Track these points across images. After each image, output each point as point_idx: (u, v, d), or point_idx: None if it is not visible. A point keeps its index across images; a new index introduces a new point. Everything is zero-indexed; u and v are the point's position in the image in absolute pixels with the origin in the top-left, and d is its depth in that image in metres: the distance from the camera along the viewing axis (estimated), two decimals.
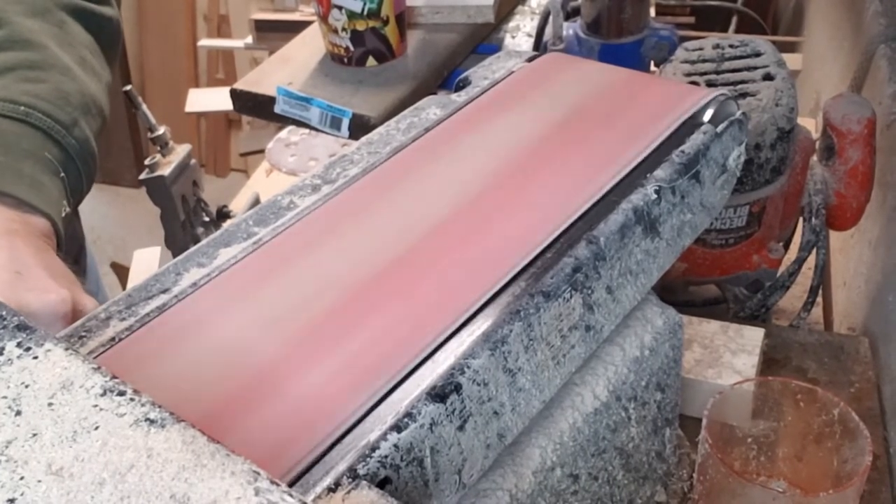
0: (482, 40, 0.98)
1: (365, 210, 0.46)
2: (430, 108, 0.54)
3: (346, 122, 0.80)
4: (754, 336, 0.70)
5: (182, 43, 2.73)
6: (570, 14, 1.00)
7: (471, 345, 0.37)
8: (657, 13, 1.60)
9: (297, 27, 1.07)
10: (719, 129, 0.49)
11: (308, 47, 0.91)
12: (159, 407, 0.29)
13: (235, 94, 0.86)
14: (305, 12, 1.79)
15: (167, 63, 2.75)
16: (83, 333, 0.40)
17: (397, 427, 0.33)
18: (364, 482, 0.31)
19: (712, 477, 0.51)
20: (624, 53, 0.92)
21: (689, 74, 0.75)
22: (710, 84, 0.73)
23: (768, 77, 0.73)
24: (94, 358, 0.38)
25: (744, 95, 0.71)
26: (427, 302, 0.39)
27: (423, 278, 0.40)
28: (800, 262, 0.79)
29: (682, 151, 0.47)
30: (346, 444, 0.33)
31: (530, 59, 0.58)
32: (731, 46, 0.76)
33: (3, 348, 0.31)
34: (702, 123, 0.50)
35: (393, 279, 0.40)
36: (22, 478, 0.27)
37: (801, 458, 0.57)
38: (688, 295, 0.88)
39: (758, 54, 0.75)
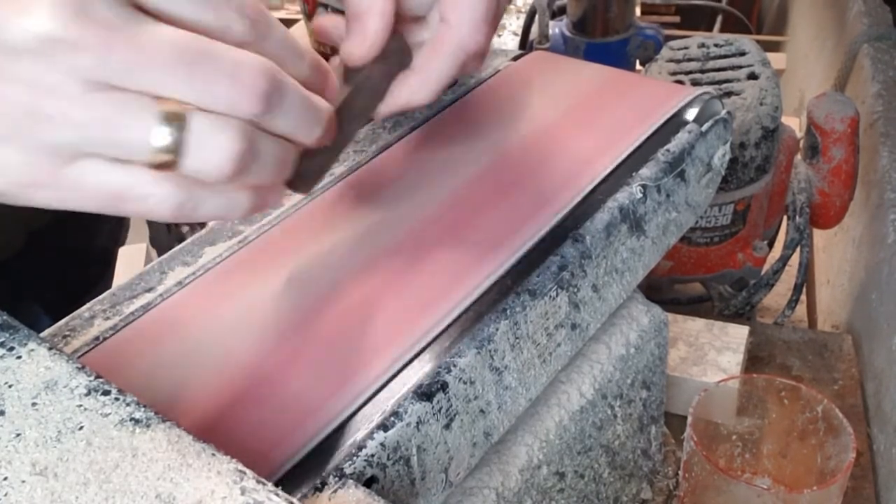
0: None
1: (351, 208, 0.45)
2: None
3: None
4: (739, 334, 0.70)
5: None
6: (556, 13, 1.00)
7: (457, 343, 0.37)
8: (642, 12, 1.60)
9: None
10: (704, 127, 0.49)
11: None
12: (144, 406, 0.29)
13: None
14: (291, 10, 1.78)
15: None
16: (67, 333, 0.39)
17: (384, 426, 0.33)
18: (351, 481, 0.31)
19: (697, 474, 0.52)
20: (609, 52, 0.92)
21: (674, 73, 0.75)
22: (694, 83, 0.73)
23: (753, 76, 0.73)
24: (79, 357, 0.38)
25: (728, 94, 0.71)
26: (413, 300, 0.39)
27: (409, 276, 0.40)
28: (784, 260, 0.79)
29: (668, 150, 0.47)
30: (332, 443, 0.33)
31: (516, 58, 0.58)
32: (715, 45, 0.77)
33: None
34: (687, 122, 0.50)
35: (379, 277, 0.40)
36: (5, 478, 0.27)
37: (785, 454, 0.57)
38: (673, 293, 0.88)
39: (742, 53, 0.76)
